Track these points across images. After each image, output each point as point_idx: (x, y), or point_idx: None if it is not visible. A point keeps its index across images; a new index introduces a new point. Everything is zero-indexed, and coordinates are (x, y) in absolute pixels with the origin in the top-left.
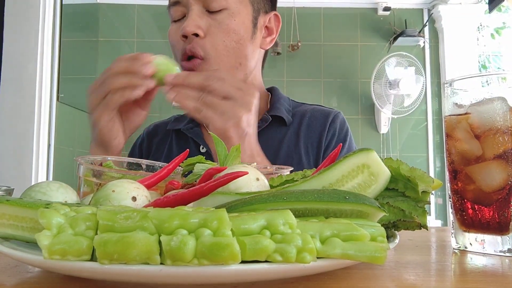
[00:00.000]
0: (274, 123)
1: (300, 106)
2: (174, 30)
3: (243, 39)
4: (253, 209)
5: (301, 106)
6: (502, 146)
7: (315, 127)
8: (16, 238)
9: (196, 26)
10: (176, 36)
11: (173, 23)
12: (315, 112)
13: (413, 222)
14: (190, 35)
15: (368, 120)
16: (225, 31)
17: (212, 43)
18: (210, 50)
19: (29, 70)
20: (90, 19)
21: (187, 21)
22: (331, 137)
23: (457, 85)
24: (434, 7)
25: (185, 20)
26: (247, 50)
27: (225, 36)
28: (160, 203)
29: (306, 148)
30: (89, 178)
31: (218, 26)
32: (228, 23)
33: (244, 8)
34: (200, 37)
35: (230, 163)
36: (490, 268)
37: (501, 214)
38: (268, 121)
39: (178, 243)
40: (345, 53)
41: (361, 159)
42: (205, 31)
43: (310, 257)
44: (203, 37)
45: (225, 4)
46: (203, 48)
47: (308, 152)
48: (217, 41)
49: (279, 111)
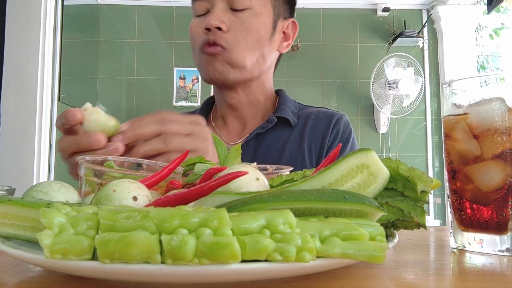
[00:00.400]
0: (279, 124)
1: (306, 109)
2: (197, 24)
3: (262, 39)
4: (253, 208)
5: (306, 109)
6: (501, 146)
7: (319, 128)
8: (18, 237)
9: (219, 20)
10: (198, 29)
11: (196, 18)
12: (319, 113)
13: (412, 222)
14: (213, 28)
15: (367, 120)
16: (247, 28)
17: (234, 37)
18: (232, 43)
19: (31, 70)
20: (91, 19)
21: (211, 15)
22: (334, 138)
23: (456, 86)
24: (433, 8)
25: (208, 15)
26: (265, 49)
27: (247, 33)
28: (161, 203)
29: (309, 148)
30: (90, 178)
31: (241, 23)
32: (250, 22)
33: (266, 10)
34: (223, 31)
35: (230, 163)
36: (488, 267)
37: (500, 213)
38: (273, 122)
39: (179, 243)
40: (344, 54)
41: (360, 159)
42: (228, 26)
43: (310, 256)
44: (225, 31)
45: (249, 4)
46: (225, 40)
47: (311, 152)
48: (239, 36)
49: (285, 112)
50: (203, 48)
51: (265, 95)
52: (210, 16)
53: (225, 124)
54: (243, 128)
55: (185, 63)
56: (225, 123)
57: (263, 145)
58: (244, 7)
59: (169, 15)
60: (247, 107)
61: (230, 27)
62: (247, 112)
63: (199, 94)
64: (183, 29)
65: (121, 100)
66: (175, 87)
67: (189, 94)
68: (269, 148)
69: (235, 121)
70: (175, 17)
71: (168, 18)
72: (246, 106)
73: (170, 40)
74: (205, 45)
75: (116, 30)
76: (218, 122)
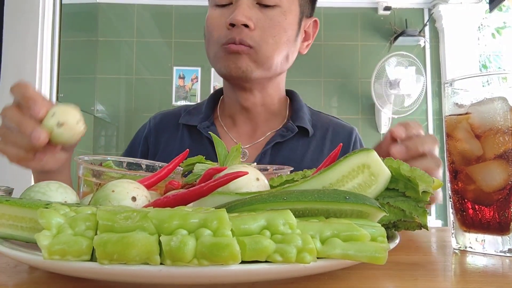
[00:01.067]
0: (296, 133)
1: (318, 115)
2: (217, 16)
3: (289, 39)
4: (253, 209)
5: (318, 115)
6: (503, 146)
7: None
8: (16, 238)
9: (247, 17)
10: (220, 21)
11: (216, 8)
12: (337, 127)
13: (414, 222)
14: (239, 25)
15: (368, 120)
16: (276, 27)
17: (262, 36)
18: (260, 42)
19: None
20: (90, 19)
21: (238, 10)
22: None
23: (457, 85)
24: (434, 7)
25: (231, 7)
26: (290, 50)
27: (276, 32)
28: (160, 203)
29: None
30: (88, 178)
31: (270, 21)
32: (280, 20)
33: (294, 8)
34: (249, 28)
35: (230, 163)
36: (490, 268)
37: (502, 214)
38: (294, 131)
39: (178, 243)
40: (345, 53)
41: (361, 159)
42: (255, 23)
43: (310, 257)
44: (252, 29)
45: (279, 1)
46: (253, 39)
47: None
48: (267, 35)
49: (303, 121)
50: (227, 47)
51: (278, 97)
52: (236, 11)
53: (235, 124)
54: (254, 130)
55: (184, 63)
56: (235, 123)
57: (280, 155)
58: (274, 4)
59: (168, 14)
60: (261, 109)
61: (257, 25)
62: (260, 114)
63: (199, 94)
64: (183, 28)
65: (120, 100)
66: (174, 86)
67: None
68: (286, 159)
69: (246, 123)
70: (174, 16)
71: (167, 17)
72: (259, 108)
73: (169, 39)
74: (229, 43)
75: (115, 29)
76: (226, 121)
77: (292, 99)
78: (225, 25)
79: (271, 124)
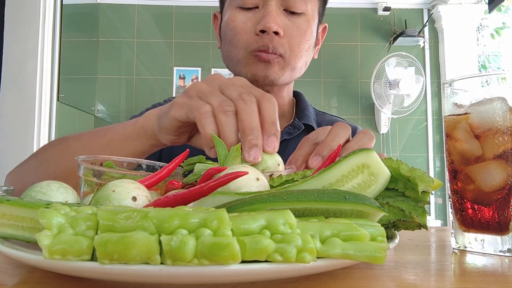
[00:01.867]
0: (303, 131)
1: (323, 116)
2: (243, 19)
3: (310, 46)
4: (253, 209)
5: (323, 116)
6: (502, 146)
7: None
8: (17, 238)
9: (278, 25)
10: (246, 26)
11: (240, 10)
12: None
13: (413, 222)
14: (271, 32)
15: (368, 120)
16: (302, 35)
17: (290, 43)
18: (288, 50)
19: (29, 70)
20: (90, 19)
21: (270, 17)
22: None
23: (457, 85)
24: (434, 7)
25: (257, 11)
26: (309, 56)
27: (301, 40)
28: (160, 203)
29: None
30: (89, 178)
31: (297, 29)
32: (305, 28)
33: (316, 16)
34: (279, 36)
35: (230, 163)
36: (489, 268)
37: (501, 214)
38: (300, 129)
39: (178, 243)
40: (345, 53)
41: (361, 159)
42: (283, 30)
43: (310, 257)
44: (281, 36)
45: (305, 9)
46: (283, 47)
47: None
48: (294, 43)
49: (309, 119)
50: (258, 54)
51: (288, 99)
52: (268, 17)
53: None
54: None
55: (184, 63)
56: None
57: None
58: (301, 11)
59: (169, 14)
60: None
61: (284, 32)
62: None
63: None
64: (183, 29)
65: (120, 100)
66: (174, 86)
67: None
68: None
69: None
70: (174, 16)
71: (167, 17)
72: None
73: (169, 40)
74: (261, 50)
75: (115, 30)
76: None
77: (298, 99)
78: (253, 30)
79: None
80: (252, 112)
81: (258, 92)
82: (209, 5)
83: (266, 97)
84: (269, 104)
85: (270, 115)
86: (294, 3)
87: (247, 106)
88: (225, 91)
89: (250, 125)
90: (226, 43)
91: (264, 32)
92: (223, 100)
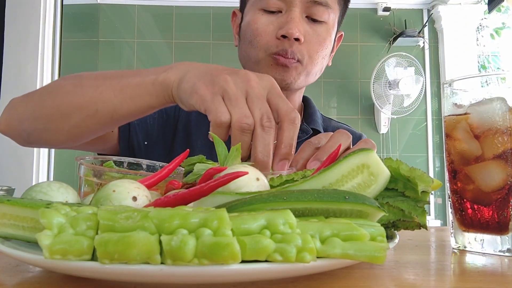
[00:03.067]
0: (310, 136)
1: (329, 122)
2: (265, 22)
3: (327, 54)
4: (253, 209)
5: (329, 122)
6: (502, 146)
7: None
8: (17, 238)
9: (300, 32)
10: (268, 28)
11: (263, 13)
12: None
13: (413, 222)
14: (292, 38)
15: (367, 120)
16: (321, 43)
17: (308, 50)
18: (306, 56)
19: (30, 70)
20: (91, 19)
21: (293, 23)
22: None
23: (456, 85)
24: (433, 8)
25: (280, 16)
26: (324, 63)
27: (319, 48)
28: (161, 203)
29: None
30: (89, 178)
31: (317, 37)
32: (325, 37)
33: (335, 26)
34: (299, 42)
35: (230, 163)
36: (489, 268)
37: (501, 214)
38: (309, 133)
39: (179, 243)
40: (345, 53)
41: (361, 159)
42: (304, 37)
43: (310, 256)
44: (301, 43)
45: (327, 17)
46: (301, 53)
47: None
48: (312, 50)
49: (317, 124)
50: (277, 57)
51: (298, 102)
52: (291, 23)
53: None
54: None
55: None
56: None
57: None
58: (323, 20)
59: (169, 14)
60: None
61: (305, 38)
62: None
63: None
64: (183, 29)
65: None
66: None
67: None
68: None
69: None
70: (175, 16)
71: (168, 17)
72: None
73: (170, 40)
74: (280, 53)
75: (115, 30)
76: None
77: (306, 104)
78: (274, 34)
79: None
80: (267, 144)
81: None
82: (209, 5)
83: (290, 117)
84: (292, 126)
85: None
86: (317, 12)
87: (264, 135)
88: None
89: (262, 159)
90: (246, 43)
91: (285, 37)
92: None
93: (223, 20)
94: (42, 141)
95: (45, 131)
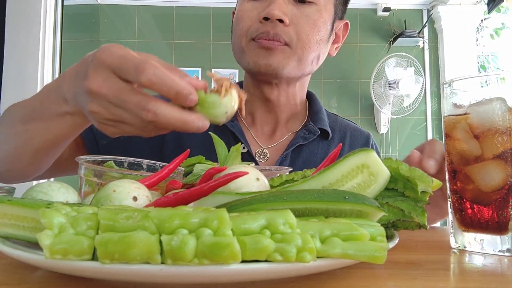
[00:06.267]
0: (317, 136)
1: (335, 118)
2: (249, 8)
3: (322, 39)
4: (253, 209)
5: (335, 118)
6: (501, 146)
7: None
8: (18, 237)
9: (283, 12)
10: (251, 14)
11: (248, 1)
12: (355, 132)
13: (413, 222)
14: (274, 19)
15: (367, 120)
16: (311, 25)
17: (297, 32)
18: (295, 38)
19: (30, 70)
20: (91, 19)
21: (274, 5)
22: None
23: (456, 86)
24: (433, 8)
25: (265, 1)
26: (321, 51)
27: (310, 30)
28: (161, 203)
29: None
30: (90, 178)
31: (305, 18)
32: (315, 18)
33: (329, 8)
34: (284, 24)
35: (230, 163)
36: (489, 267)
37: (500, 214)
38: (316, 134)
39: (179, 243)
40: (344, 54)
41: (360, 159)
42: (290, 19)
43: (310, 256)
44: (287, 25)
45: None
46: (288, 36)
47: None
48: (302, 32)
49: (324, 123)
50: (259, 41)
51: (301, 98)
52: (272, 5)
53: (254, 123)
54: (273, 130)
55: (185, 63)
56: (254, 122)
57: (300, 158)
58: (310, 0)
59: (169, 15)
60: (284, 108)
61: (291, 20)
62: (282, 114)
63: None
64: (183, 29)
65: None
66: None
67: None
68: (306, 163)
69: (268, 122)
70: (175, 17)
71: (168, 18)
72: (283, 107)
73: (170, 40)
74: (262, 37)
75: (116, 30)
76: (246, 118)
77: (311, 101)
78: (257, 18)
79: (290, 125)
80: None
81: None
82: (209, 5)
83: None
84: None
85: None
86: None
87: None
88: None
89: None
90: (233, 34)
91: (267, 19)
92: (142, 128)
93: (223, 20)
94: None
95: (7, 171)
